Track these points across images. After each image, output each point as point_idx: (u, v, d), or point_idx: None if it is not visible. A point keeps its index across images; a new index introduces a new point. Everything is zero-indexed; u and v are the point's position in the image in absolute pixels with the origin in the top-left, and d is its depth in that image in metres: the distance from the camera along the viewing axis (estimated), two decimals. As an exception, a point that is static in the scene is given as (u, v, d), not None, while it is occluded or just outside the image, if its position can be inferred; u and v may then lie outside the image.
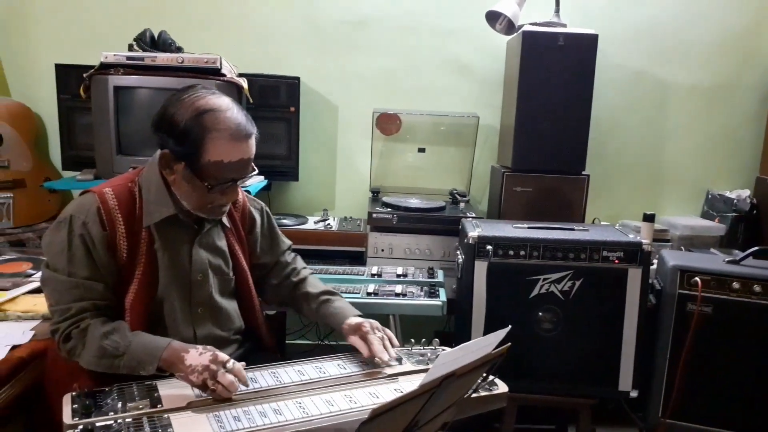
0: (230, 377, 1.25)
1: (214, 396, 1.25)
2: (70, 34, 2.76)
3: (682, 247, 2.53)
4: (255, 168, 1.45)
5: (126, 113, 2.24)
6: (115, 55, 2.23)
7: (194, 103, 1.36)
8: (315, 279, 1.75)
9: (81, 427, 1.12)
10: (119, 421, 1.15)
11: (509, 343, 1.14)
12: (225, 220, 1.58)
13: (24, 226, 2.59)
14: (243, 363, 1.33)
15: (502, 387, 1.40)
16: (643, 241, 2.01)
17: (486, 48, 2.75)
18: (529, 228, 2.10)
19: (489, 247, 2.00)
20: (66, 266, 1.36)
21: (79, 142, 2.58)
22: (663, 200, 2.90)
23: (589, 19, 2.64)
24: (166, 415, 1.18)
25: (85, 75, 2.25)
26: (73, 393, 1.24)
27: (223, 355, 1.29)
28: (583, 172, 2.44)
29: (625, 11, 2.74)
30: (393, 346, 1.50)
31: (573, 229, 2.12)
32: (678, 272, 2.04)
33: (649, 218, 2.33)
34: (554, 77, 2.34)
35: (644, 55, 2.78)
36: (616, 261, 1.99)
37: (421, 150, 2.81)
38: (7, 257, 2.21)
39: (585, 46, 2.33)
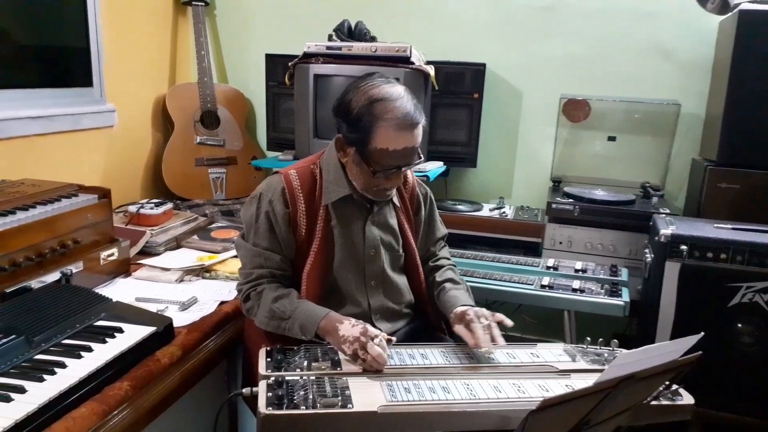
0: (378, 349, 1.31)
1: (365, 366, 1.31)
2: (278, 25, 3.05)
3: None
4: (421, 156, 1.49)
5: (323, 99, 2.42)
6: (316, 44, 2.42)
7: (368, 91, 1.43)
8: (449, 270, 1.71)
9: (273, 378, 1.25)
10: (304, 377, 1.27)
11: (700, 352, 1.05)
12: (396, 199, 1.64)
13: (233, 199, 2.94)
14: (393, 338, 1.38)
15: (687, 398, 1.29)
16: None
17: (692, 30, 2.50)
18: (733, 229, 1.92)
19: (684, 247, 1.85)
20: (252, 237, 1.54)
21: (281, 125, 2.87)
22: None
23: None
24: (344, 378, 1.28)
25: (290, 64, 2.47)
26: (268, 348, 1.39)
27: (373, 330, 1.35)
28: (806, 170, 2.14)
29: None
30: (507, 327, 1.44)
31: (788, 234, 1.87)
32: None
33: None
34: (776, 61, 2.08)
35: None
36: (843, 274, 1.72)
37: (612, 138, 2.65)
38: (219, 225, 2.52)
39: (819, 24, 2.03)
